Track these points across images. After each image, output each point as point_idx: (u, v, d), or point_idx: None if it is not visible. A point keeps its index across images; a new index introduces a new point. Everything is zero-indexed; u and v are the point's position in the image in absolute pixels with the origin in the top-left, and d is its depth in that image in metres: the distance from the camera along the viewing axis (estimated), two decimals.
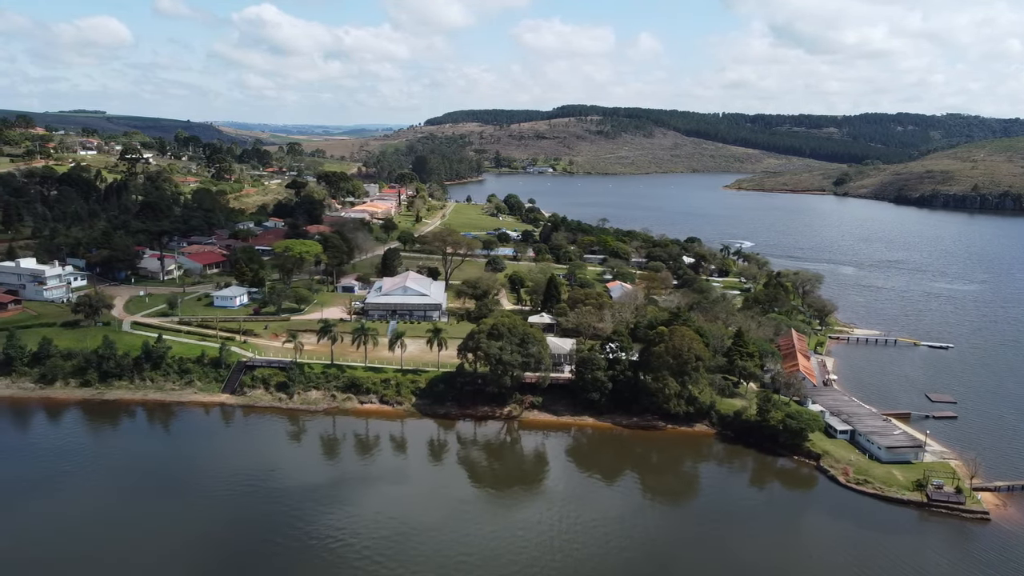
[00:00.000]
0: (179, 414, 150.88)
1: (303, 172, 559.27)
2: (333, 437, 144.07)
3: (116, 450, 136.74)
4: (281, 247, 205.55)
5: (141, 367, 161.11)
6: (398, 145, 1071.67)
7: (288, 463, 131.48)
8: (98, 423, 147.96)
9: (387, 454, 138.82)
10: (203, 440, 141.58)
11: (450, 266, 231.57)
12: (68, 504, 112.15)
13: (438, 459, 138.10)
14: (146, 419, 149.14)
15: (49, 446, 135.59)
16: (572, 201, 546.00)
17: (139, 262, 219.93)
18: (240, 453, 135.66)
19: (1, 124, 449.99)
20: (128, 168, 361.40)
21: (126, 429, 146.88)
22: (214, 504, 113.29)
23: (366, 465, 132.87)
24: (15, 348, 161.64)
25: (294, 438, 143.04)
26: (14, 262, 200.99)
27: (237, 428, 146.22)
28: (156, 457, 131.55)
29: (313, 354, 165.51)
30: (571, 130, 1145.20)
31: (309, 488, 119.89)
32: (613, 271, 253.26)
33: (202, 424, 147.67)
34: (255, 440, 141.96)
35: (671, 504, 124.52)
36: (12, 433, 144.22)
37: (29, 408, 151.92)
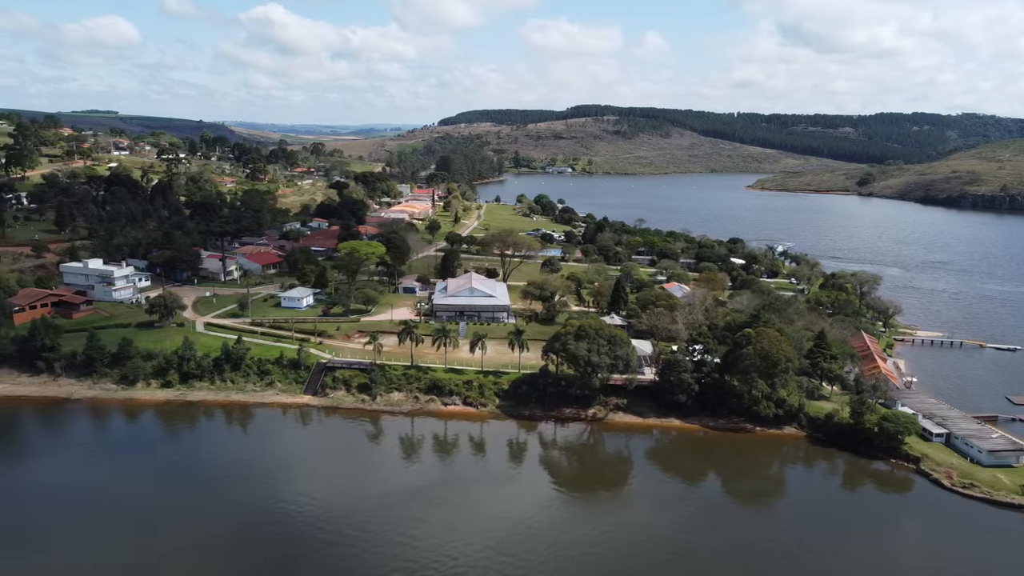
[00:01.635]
0: (265, 415, 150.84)
1: (330, 172, 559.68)
2: (423, 439, 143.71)
3: (224, 451, 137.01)
4: (347, 248, 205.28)
5: (221, 368, 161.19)
6: (415, 145, 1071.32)
7: (390, 464, 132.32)
8: (192, 424, 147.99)
9: (479, 455, 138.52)
10: (299, 441, 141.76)
11: (508, 267, 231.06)
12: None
13: (531, 461, 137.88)
14: (238, 421, 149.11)
15: (167, 446, 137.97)
16: (598, 202, 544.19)
17: (200, 263, 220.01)
18: (340, 454, 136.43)
19: (34, 125, 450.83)
20: (169, 169, 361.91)
21: (220, 430, 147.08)
22: (332, 504, 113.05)
23: (463, 466, 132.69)
24: (96, 349, 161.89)
25: (387, 440, 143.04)
26: (82, 263, 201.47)
27: (327, 429, 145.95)
28: (264, 458, 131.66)
29: (389, 355, 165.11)
30: (588, 130, 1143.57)
31: (417, 488, 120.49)
32: (667, 272, 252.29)
33: (290, 425, 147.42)
34: (350, 441, 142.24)
35: (764, 507, 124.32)
36: (128, 433, 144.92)
37: (114, 409, 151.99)
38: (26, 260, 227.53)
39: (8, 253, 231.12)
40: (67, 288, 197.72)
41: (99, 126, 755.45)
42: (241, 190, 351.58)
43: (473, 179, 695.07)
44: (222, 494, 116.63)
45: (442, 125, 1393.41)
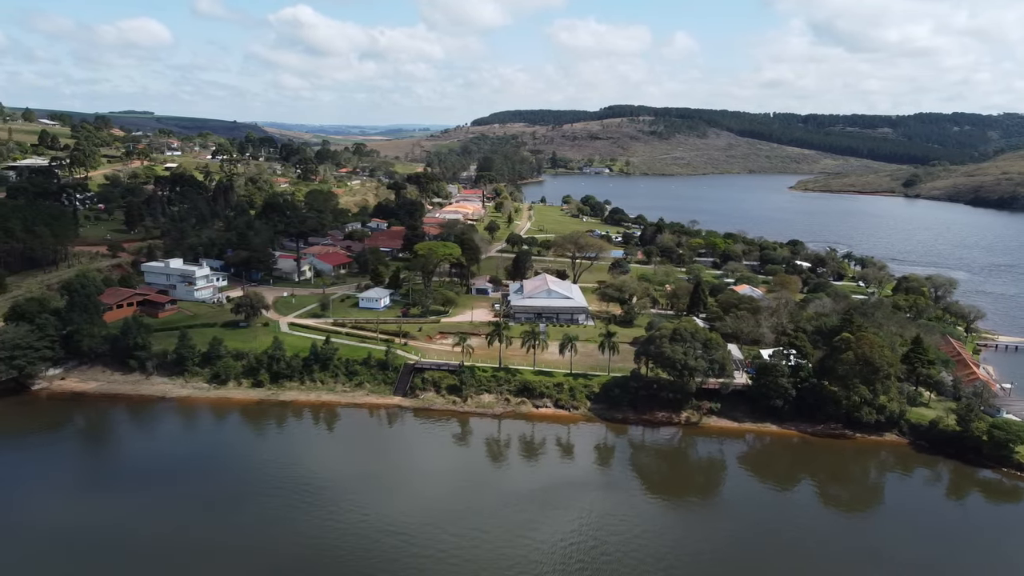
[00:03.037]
0: (358, 416, 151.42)
1: (375, 172, 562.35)
2: (520, 441, 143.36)
3: (326, 452, 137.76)
4: (424, 249, 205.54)
5: (311, 368, 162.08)
6: (451, 145, 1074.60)
7: (493, 466, 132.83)
8: (289, 423, 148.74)
9: (578, 459, 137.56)
10: (400, 442, 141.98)
11: (578, 269, 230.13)
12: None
13: (626, 465, 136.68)
14: (332, 421, 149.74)
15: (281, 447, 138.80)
16: (643, 204, 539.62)
17: (274, 263, 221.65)
18: (445, 456, 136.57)
19: (89, 127, 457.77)
20: (229, 169, 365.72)
21: (316, 430, 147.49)
22: (450, 507, 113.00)
23: (564, 469, 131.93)
24: (187, 348, 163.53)
25: (485, 442, 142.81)
26: (163, 263, 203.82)
27: (424, 431, 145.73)
28: (371, 460, 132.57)
29: (474, 357, 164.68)
30: (624, 130, 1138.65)
31: (534, 491, 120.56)
32: (734, 275, 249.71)
33: (386, 427, 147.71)
34: (449, 443, 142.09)
35: (863, 514, 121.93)
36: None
37: (211, 408, 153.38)
38: (102, 259, 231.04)
39: (85, 252, 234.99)
40: (148, 287, 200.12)
41: (138, 127, 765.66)
42: (301, 191, 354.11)
43: (513, 179, 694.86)
44: (333, 498, 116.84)
45: (475, 125, 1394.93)
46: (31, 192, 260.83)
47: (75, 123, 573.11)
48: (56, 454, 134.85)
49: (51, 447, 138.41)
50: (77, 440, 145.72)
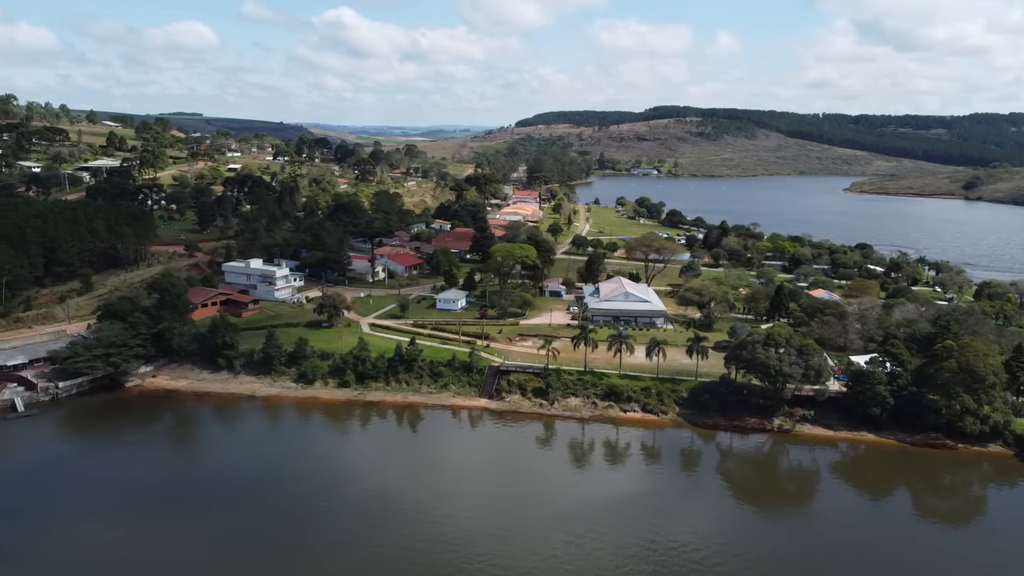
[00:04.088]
0: (446, 418, 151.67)
1: (428, 173, 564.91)
2: (610, 445, 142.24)
3: (425, 452, 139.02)
4: (501, 251, 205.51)
5: (396, 369, 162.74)
6: (497, 146, 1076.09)
7: (587, 469, 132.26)
8: (381, 424, 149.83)
9: (671, 463, 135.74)
10: (493, 445, 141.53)
11: (651, 271, 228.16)
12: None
13: (718, 471, 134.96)
14: (422, 422, 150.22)
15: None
16: (694, 207, 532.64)
17: (349, 264, 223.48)
18: (539, 458, 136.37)
19: (157, 128, 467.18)
20: (293, 171, 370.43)
21: (406, 431, 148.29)
22: (557, 509, 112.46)
23: (657, 474, 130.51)
24: (274, 348, 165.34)
25: (577, 445, 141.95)
26: (243, 263, 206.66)
27: (513, 434, 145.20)
28: (475, 462, 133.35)
29: (559, 360, 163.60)
30: (671, 131, 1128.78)
31: (632, 495, 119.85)
32: (808, 279, 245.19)
33: (476, 429, 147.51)
34: (543, 446, 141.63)
35: (964, 526, 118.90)
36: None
37: (301, 407, 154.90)
38: (180, 259, 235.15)
39: (162, 252, 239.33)
40: (229, 287, 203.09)
41: (189, 128, 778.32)
42: (363, 192, 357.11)
43: (563, 181, 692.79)
44: (435, 501, 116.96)
45: (519, 127, 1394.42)
46: (110, 193, 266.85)
47: (136, 124, 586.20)
48: (147, 452, 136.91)
49: (143, 444, 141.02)
50: (169, 437, 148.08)
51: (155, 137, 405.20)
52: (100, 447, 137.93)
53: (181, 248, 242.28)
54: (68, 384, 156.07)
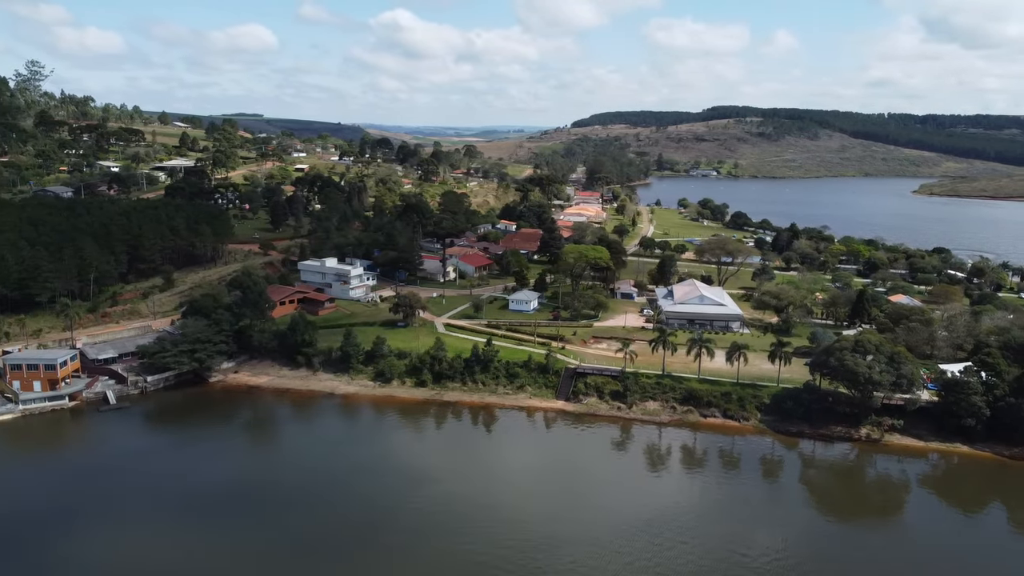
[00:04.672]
0: (521, 419, 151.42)
1: (488, 173, 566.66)
2: (693, 450, 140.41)
3: (507, 454, 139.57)
4: (574, 252, 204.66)
5: (472, 370, 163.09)
6: (554, 147, 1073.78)
7: (671, 474, 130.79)
8: (461, 425, 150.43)
9: (755, 471, 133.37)
10: (575, 447, 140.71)
11: (724, 274, 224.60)
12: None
13: (801, 480, 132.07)
14: (500, 422, 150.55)
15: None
16: (756, 209, 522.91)
17: (421, 264, 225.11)
18: (621, 461, 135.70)
19: (229, 128, 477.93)
20: (360, 171, 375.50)
21: (484, 431, 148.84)
22: (644, 513, 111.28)
23: (743, 481, 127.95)
24: (352, 346, 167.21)
25: (660, 449, 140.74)
26: (319, 261, 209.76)
27: (592, 436, 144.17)
28: (559, 464, 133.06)
29: (635, 363, 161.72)
30: (730, 132, 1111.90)
31: (723, 502, 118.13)
32: (886, 283, 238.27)
33: (555, 431, 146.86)
34: (624, 449, 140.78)
35: None
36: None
37: (380, 405, 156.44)
38: (255, 257, 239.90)
39: (238, 250, 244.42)
40: (304, 285, 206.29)
41: (251, 128, 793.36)
42: (428, 192, 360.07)
43: (621, 182, 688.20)
44: (521, 504, 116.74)
45: (575, 127, 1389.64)
46: (187, 192, 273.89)
47: (204, 125, 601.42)
48: (228, 449, 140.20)
49: (224, 439, 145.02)
50: (251, 433, 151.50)
51: (226, 137, 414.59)
52: (184, 441, 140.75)
53: (256, 247, 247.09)
54: (156, 378, 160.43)
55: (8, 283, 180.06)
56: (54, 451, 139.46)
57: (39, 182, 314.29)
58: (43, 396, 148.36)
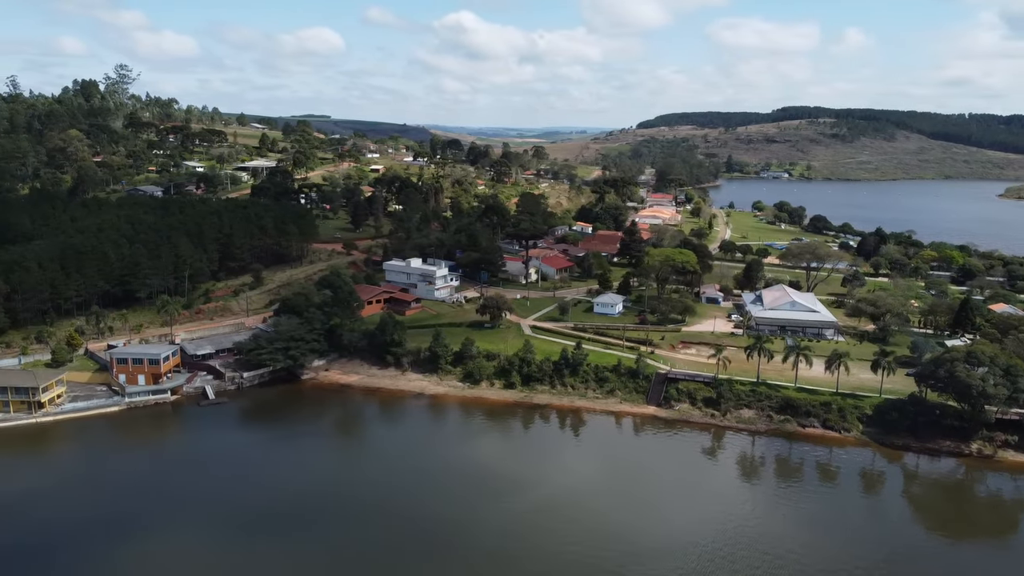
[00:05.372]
0: (610, 424, 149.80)
1: (559, 174, 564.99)
2: (788, 460, 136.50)
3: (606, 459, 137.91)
4: (660, 255, 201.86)
5: (561, 373, 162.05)
6: (620, 148, 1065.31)
7: (774, 484, 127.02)
8: (551, 429, 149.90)
9: (856, 484, 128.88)
10: (670, 455, 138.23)
11: (813, 280, 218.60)
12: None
13: (905, 494, 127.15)
14: (595, 428, 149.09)
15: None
16: (834, 213, 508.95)
17: (503, 265, 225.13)
18: (716, 470, 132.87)
19: (309, 129, 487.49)
20: (437, 172, 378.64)
21: (576, 435, 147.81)
22: (749, 522, 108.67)
23: (842, 495, 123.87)
24: (441, 347, 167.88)
25: (753, 460, 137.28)
26: (404, 262, 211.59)
27: (686, 443, 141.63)
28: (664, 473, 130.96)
29: (731, 370, 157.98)
30: (802, 133, 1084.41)
31: (822, 514, 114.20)
32: (985, 292, 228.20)
33: (650, 436, 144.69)
34: (720, 457, 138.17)
35: None
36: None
37: (470, 407, 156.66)
38: (338, 257, 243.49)
39: (322, 250, 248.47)
40: (389, 285, 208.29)
41: (320, 129, 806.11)
42: (503, 193, 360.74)
43: (691, 184, 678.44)
44: (627, 509, 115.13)
45: (641, 128, 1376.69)
46: (272, 192, 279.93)
47: (280, 126, 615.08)
48: (320, 446, 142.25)
49: (316, 436, 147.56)
50: (342, 431, 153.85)
51: (306, 139, 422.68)
52: (277, 438, 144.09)
53: (339, 246, 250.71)
54: (251, 375, 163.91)
55: (110, 279, 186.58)
56: (156, 444, 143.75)
57: (130, 181, 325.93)
58: (147, 390, 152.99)
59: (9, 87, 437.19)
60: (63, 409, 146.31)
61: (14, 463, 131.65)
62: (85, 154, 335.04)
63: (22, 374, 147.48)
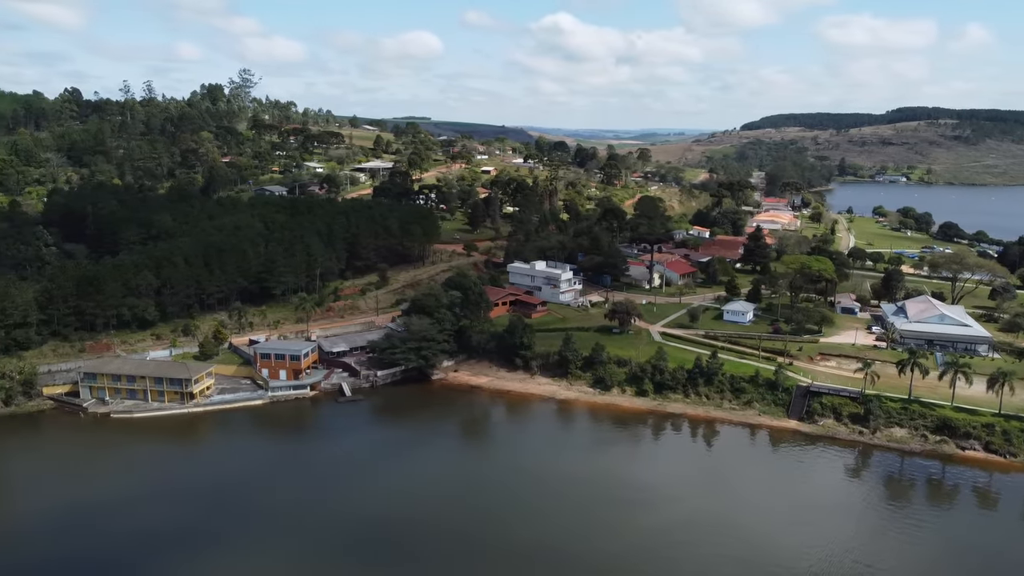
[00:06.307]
0: (753, 437, 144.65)
1: (665, 177, 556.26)
2: (942, 484, 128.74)
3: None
4: (795, 263, 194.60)
5: (695, 382, 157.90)
6: (724, 150, 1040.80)
7: (932, 509, 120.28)
8: (691, 439, 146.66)
9: (1020, 517, 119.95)
10: (817, 472, 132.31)
11: (959, 291, 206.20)
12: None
13: None
14: (735, 439, 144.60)
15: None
16: (962, 220, 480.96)
17: (626, 269, 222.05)
18: (864, 491, 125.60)
19: (423, 131, 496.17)
20: (552, 174, 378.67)
21: (720, 448, 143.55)
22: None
23: (1016, 530, 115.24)
24: (571, 351, 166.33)
25: (911, 482, 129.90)
26: (529, 264, 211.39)
27: (838, 461, 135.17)
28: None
29: (879, 386, 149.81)
30: (921, 135, 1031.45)
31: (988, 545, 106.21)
32: None
33: (792, 452, 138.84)
34: (864, 478, 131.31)
35: None
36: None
37: (601, 413, 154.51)
38: (459, 258, 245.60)
39: (443, 251, 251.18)
40: (513, 287, 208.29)
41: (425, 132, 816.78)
42: (616, 196, 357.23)
43: (803, 188, 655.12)
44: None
45: (744, 130, 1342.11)
46: (393, 192, 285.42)
47: (389, 128, 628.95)
48: (447, 448, 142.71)
49: (444, 436, 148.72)
50: (472, 434, 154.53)
51: (421, 140, 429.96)
52: (407, 439, 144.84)
53: (459, 247, 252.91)
54: (385, 373, 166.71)
55: (248, 276, 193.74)
56: (297, 438, 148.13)
57: (256, 181, 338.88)
58: (288, 385, 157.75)
59: (145, 92, 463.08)
60: (212, 400, 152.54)
61: (170, 449, 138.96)
62: (215, 155, 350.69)
63: (177, 366, 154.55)
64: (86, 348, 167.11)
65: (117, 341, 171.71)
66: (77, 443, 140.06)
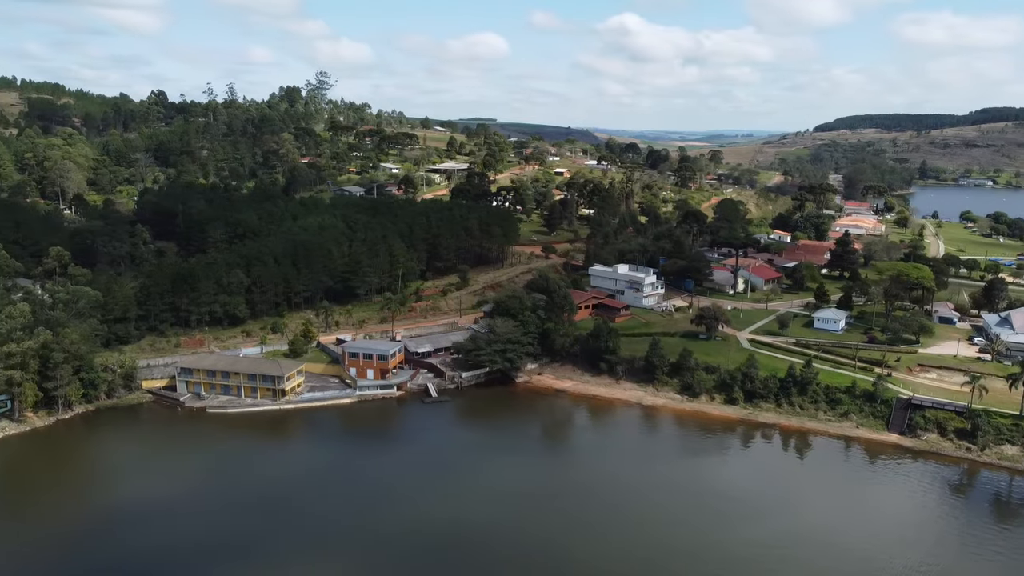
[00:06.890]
0: (849, 450, 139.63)
1: (739, 179, 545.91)
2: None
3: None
4: (892, 270, 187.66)
5: (788, 391, 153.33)
6: (798, 152, 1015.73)
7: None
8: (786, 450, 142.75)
9: None
10: (926, 490, 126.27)
11: None
12: None
13: None
14: (832, 452, 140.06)
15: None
16: None
17: (710, 274, 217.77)
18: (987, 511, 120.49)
19: (498, 133, 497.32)
20: (629, 176, 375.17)
21: (822, 462, 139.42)
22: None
23: None
24: (658, 356, 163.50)
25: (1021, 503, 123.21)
26: (612, 267, 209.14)
27: (935, 477, 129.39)
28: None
29: (987, 401, 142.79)
30: (1008, 136, 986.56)
31: None
32: None
33: (894, 467, 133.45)
34: (970, 496, 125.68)
35: None
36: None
37: (689, 421, 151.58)
38: (537, 260, 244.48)
39: (521, 252, 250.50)
40: (595, 291, 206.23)
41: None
42: (693, 198, 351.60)
43: (883, 191, 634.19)
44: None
45: (818, 131, 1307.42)
46: (471, 194, 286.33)
47: (460, 129, 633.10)
48: (529, 453, 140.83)
49: (526, 440, 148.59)
50: (557, 440, 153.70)
51: (496, 142, 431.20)
52: (491, 443, 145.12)
53: (537, 249, 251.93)
54: (470, 375, 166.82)
55: (333, 275, 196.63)
56: (384, 437, 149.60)
57: (335, 182, 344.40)
58: (376, 384, 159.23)
59: (227, 94, 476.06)
60: (302, 398, 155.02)
61: (263, 445, 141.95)
62: (295, 156, 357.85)
63: (269, 364, 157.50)
64: (181, 343, 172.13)
65: (210, 337, 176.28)
66: (175, 436, 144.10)
